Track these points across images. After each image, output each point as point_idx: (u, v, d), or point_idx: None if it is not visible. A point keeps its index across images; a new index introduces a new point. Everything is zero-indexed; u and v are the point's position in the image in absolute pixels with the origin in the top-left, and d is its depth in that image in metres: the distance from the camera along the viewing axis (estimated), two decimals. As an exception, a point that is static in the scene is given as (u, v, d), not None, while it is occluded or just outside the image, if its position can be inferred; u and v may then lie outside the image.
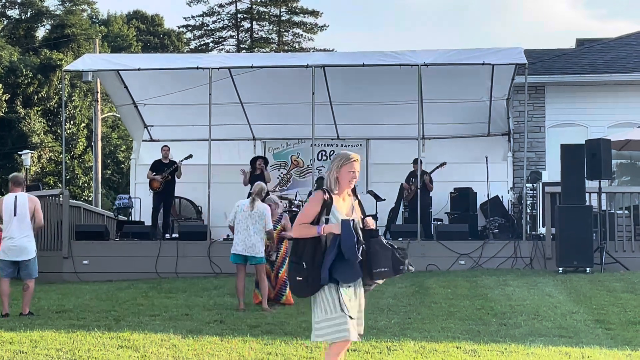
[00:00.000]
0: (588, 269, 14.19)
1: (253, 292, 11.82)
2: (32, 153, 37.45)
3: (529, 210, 16.49)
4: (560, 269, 14.40)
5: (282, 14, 61.53)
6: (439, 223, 17.72)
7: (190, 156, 17.47)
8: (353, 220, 6.00)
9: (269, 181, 17.45)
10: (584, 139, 15.88)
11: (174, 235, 17.51)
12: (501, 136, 19.64)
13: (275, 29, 62.17)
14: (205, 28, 61.57)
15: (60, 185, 33.92)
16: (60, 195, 16.80)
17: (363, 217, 6.21)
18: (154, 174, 17.52)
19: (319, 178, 18.44)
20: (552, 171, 17.39)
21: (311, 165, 17.80)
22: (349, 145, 20.14)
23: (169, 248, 16.06)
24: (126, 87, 19.14)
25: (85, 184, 42.93)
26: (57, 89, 41.83)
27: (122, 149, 48.00)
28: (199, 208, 19.33)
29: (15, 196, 11.00)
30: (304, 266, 5.94)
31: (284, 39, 61.92)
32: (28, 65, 41.74)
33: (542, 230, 15.77)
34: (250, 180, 17.10)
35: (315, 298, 6.03)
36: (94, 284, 14.89)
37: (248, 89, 18.86)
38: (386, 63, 16.61)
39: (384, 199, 18.07)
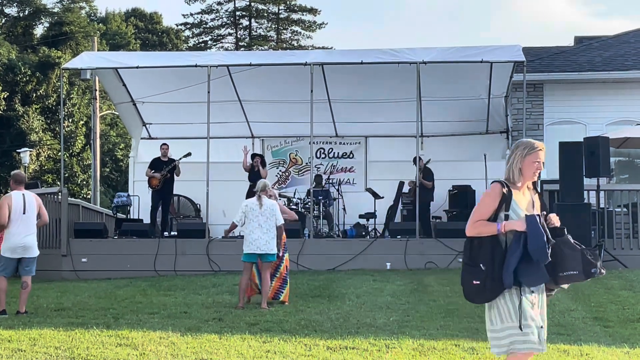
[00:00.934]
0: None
1: (250, 286, 11.72)
2: (31, 151, 37.34)
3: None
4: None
5: (281, 11, 61.49)
6: (437, 221, 17.73)
7: (189, 154, 17.47)
8: (539, 215, 5.39)
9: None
10: (583, 137, 15.86)
11: (172, 233, 17.50)
12: (499, 134, 19.63)
13: (273, 26, 62.12)
14: (203, 26, 61.49)
15: (58, 183, 33.89)
16: (59, 193, 16.81)
17: (546, 214, 5.52)
18: (152, 171, 17.51)
19: (317, 175, 18.46)
20: (551, 169, 17.38)
21: (309, 162, 17.79)
22: (347, 143, 20.17)
23: (167, 246, 16.06)
24: (125, 85, 19.14)
25: (84, 182, 42.89)
26: (56, 87, 41.75)
27: (121, 147, 47.94)
28: (198, 206, 19.32)
29: (24, 194, 11.04)
30: (482, 268, 5.38)
31: (283, 37, 61.89)
32: (26, 63, 41.63)
33: (541, 228, 15.72)
34: (249, 178, 17.16)
35: (493, 304, 5.42)
36: (92, 281, 14.89)
37: (247, 87, 18.86)
38: (384, 61, 16.61)
39: (382, 197, 18.08)
